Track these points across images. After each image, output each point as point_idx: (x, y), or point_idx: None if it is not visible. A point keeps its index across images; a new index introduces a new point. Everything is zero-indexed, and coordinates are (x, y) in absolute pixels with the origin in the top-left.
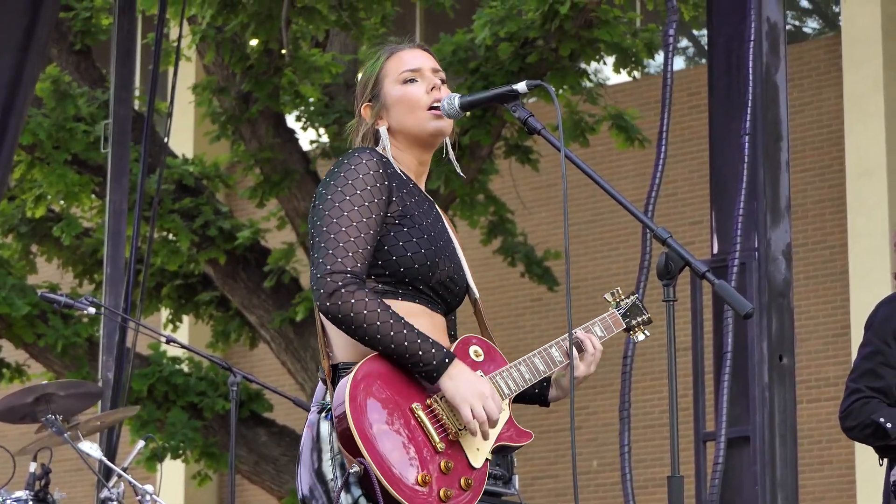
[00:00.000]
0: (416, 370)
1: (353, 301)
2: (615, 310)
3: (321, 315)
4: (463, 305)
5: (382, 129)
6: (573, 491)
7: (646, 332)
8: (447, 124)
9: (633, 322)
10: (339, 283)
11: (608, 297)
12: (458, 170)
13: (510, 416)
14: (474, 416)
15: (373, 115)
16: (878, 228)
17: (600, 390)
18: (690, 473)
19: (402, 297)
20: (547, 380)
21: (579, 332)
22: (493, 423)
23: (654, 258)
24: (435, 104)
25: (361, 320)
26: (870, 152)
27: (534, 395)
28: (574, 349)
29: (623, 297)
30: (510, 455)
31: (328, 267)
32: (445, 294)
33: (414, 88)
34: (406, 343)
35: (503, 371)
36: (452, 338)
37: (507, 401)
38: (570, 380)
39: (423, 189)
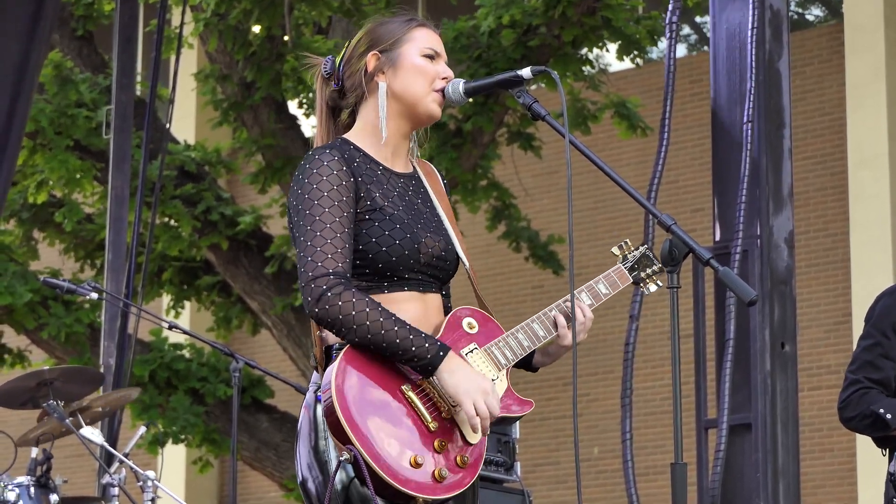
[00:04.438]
0: (410, 365)
1: (340, 303)
2: (621, 264)
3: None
4: (458, 277)
5: (384, 86)
6: (575, 478)
7: (658, 282)
8: (440, 112)
9: (643, 274)
10: (324, 286)
11: (615, 250)
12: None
13: (508, 386)
14: (477, 413)
15: (375, 67)
16: (879, 217)
17: (602, 377)
18: (692, 460)
19: (388, 290)
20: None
21: None
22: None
23: (656, 245)
24: (441, 89)
25: (351, 322)
26: (871, 141)
27: (519, 362)
28: (565, 319)
29: (632, 248)
30: (512, 442)
31: (310, 273)
32: (436, 272)
33: (433, 65)
34: (398, 340)
35: (499, 341)
36: (449, 309)
37: (504, 370)
38: (573, 370)
39: (398, 166)
